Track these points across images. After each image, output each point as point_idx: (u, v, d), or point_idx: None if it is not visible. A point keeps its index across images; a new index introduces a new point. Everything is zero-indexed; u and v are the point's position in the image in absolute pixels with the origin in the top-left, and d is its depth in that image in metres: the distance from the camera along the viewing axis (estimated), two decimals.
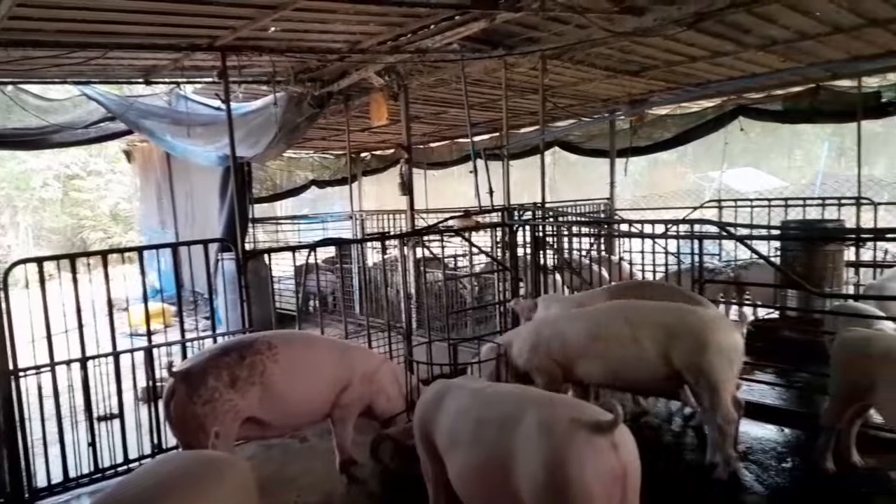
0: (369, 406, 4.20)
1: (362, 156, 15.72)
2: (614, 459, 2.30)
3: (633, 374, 3.84)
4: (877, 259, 7.27)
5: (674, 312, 3.83)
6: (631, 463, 2.36)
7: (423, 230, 6.83)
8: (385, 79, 6.72)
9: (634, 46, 6.46)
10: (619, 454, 2.31)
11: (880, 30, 6.03)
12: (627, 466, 2.33)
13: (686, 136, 10.05)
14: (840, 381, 3.70)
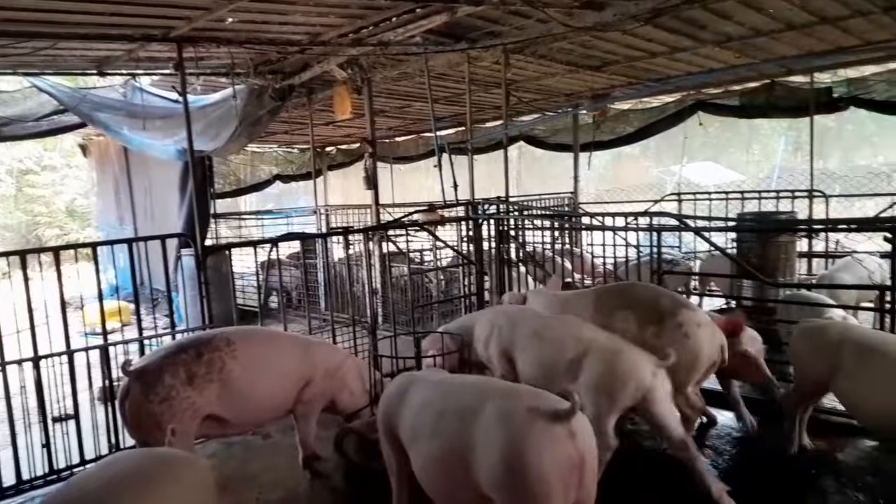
0: (332, 401, 4.17)
1: (327, 150, 15.58)
2: (571, 447, 2.34)
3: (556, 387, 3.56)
4: (828, 250, 7.53)
5: (591, 339, 3.61)
6: (588, 450, 2.40)
7: (387, 224, 6.81)
8: (348, 72, 6.67)
9: (595, 41, 6.53)
10: (577, 442, 2.35)
11: (830, 27, 6.22)
12: (584, 454, 2.37)
13: (647, 130, 10.22)
14: (800, 370, 3.81)
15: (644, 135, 10.44)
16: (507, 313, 4.26)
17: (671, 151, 17.54)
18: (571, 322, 3.89)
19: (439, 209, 6.73)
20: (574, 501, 2.38)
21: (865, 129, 18.52)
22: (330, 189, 16.36)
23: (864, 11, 5.66)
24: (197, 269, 4.78)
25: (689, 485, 3.77)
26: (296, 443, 4.13)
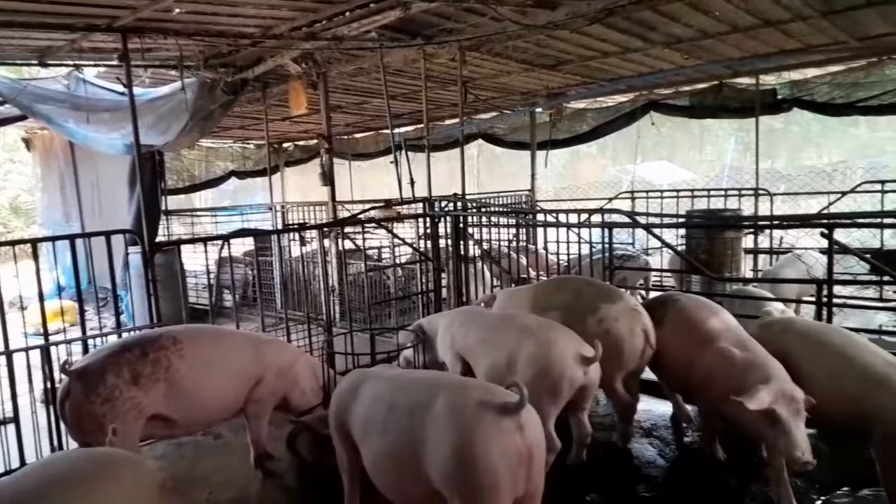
0: (285, 399, 4.12)
1: (285, 146, 15.37)
2: (520, 440, 2.37)
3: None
4: (772, 246, 7.82)
5: (522, 330, 3.69)
6: (536, 443, 2.43)
7: (342, 221, 6.76)
8: (302, 66, 6.58)
9: (549, 41, 6.62)
10: (525, 435, 2.38)
11: (773, 30, 6.45)
12: (532, 447, 2.40)
13: (602, 129, 10.41)
14: None
15: (599, 134, 10.63)
16: (462, 316, 4.26)
17: (627, 150, 17.91)
18: (511, 322, 3.89)
19: (396, 206, 6.72)
20: (522, 493, 2.42)
21: (810, 131, 19.27)
22: (288, 186, 16.15)
23: (803, 16, 5.88)
24: (144, 266, 4.65)
25: (640, 475, 3.89)
26: (247, 442, 4.07)
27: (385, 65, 6.87)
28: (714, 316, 3.75)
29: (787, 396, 2.96)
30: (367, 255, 8.97)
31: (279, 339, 4.74)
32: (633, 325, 3.85)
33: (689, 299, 3.99)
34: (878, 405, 2.95)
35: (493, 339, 3.78)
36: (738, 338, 3.52)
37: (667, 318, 3.88)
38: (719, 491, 3.63)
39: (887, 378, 3.01)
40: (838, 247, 4.32)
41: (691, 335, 3.68)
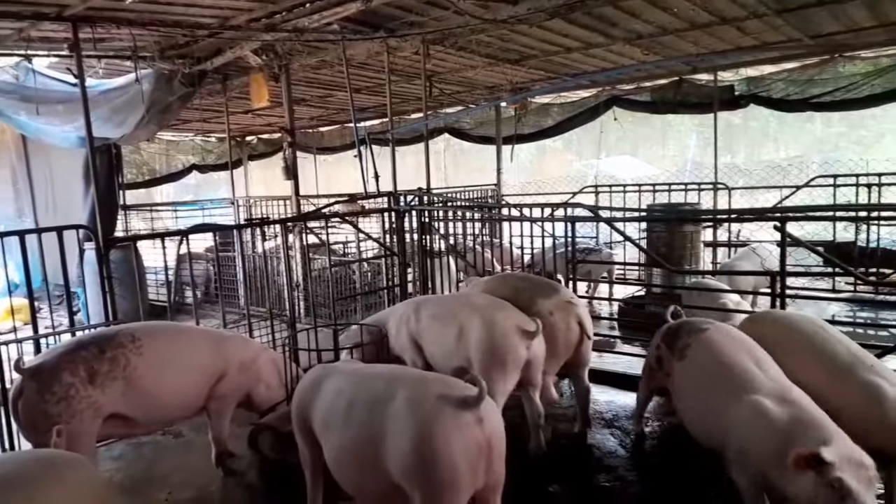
0: (248, 396, 4.08)
1: (248, 139, 15.12)
2: (479, 433, 2.39)
3: (447, 363, 3.86)
4: (731, 239, 8.02)
5: (470, 309, 3.84)
6: (495, 435, 2.46)
7: (305, 216, 6.69)
8: (263, 58, 6.47)
9: (512, 35, 6.64)
10: (484, 427, 2.41)
11: (729, 27, 6.60)
12: (492, 439, 2.43)
13: (566, 124, 10.52)
14: None
15: (563, 128, 10.74)
16: (414, 302, 4.36)
17: (592, 145, 18.09)
18: (462, 299, 4.13)
19: (360, 201, 6.68)
20: (483, 485, 2.45)
21: (768, 126, 19.74)
22: (252, 180, 15.90)
23: (758, 13, 6.02)
24: (98, 263, 4.52)
25: (601, 466, 3.96)
26: (209, 440, 4.01)
27: (348, 58, 6.80)
28: (748, 355, 2.99)
29: (856, 462, 2.29)
30: (332, 250, 8.92)
31: (240, 334, 4.67)
32: (568, 318, 3.95)
33: (719, 331, 3.21)
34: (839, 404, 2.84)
35: (443, 314, 3.94)
36: (778, 386, 2.78)
37: (689, 352, 3.15)
38: (679, 480, 3.71)
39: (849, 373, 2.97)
40: (791, 239, 4.44)
41: (716, 380, 2.97)
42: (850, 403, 2.85)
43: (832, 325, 3.63)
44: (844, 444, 2.38)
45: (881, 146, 16.45)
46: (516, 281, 4.45)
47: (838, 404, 2.83)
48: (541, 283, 4.30)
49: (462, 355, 3.75)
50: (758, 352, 3.04)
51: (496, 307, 3.86)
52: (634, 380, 5.22)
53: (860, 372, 2.96)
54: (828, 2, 5.73)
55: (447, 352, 3.84)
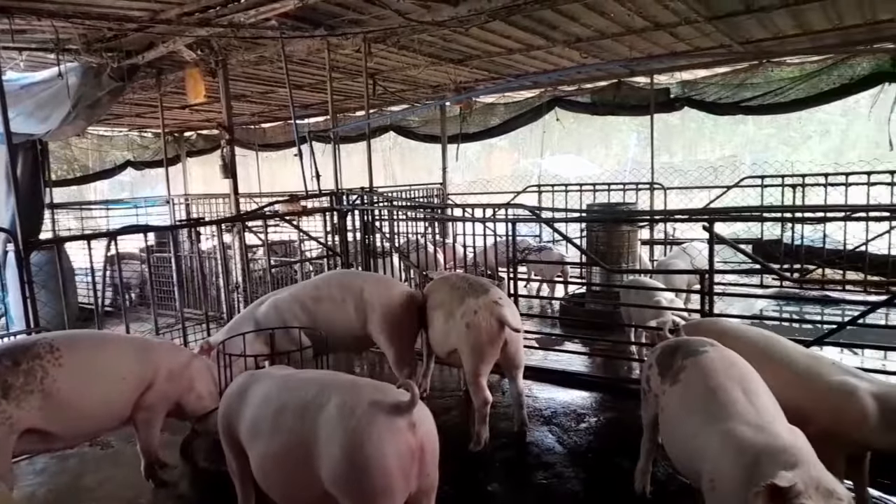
0: (178, 405, 3.95)
1: (187, 135, 14.65)
2: (412, 438, 2.39)
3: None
4: (666, 237, 8.28)
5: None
6: (428, 440, 2.46)
7: (241, 216, 6.53)
8: (198, 53, 6.27)
9: (455, 36, 6.65)
10: (417, 432, 2.41)
11: (664, 32, 6.80)
12: (424, 443, 2.43)
13: (510, 123, 10.64)
14: None
15: (508, 128, 10.86)
16: (290, 295, 4.63)
17: (538, 144, 18.38)
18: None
19: (301, 199, 6.56)
20: (416, 489, 2.44)
21: (704, 127, 20.49)
22: (192, 177, 15.42)
23: (690, 20, 6.23)
24: (18, 266, 4.29)
25: (540, 463, 4.01)
26: (138, 451, 3.87)
27: (288, 54, 6.67)
28: (738, 383, 2.65)
29: (825, 490, 2.02)
30: (274, 251, 8.74)
31: (170, 341, 4.52)
32: (490, 318, 3.99)
33: (717, 355, 2.84)
34: (809, 407, 2.91)
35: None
36: (761, 416, 2.46)
37: (683, 376, 2.84)
38: (615, 475, 3.79)
39: (814, 375, 3.03)
40: (718, 239, 4.62)
41: (699, 406, 2.66)
42: (822, 406, 2.89)
43: (760, 320, 3.76)
44: (814, 470, 2.11)
45: (807, 147, 17.34)
46: (456, 280, 4.50)
47: (808, 408, 2.88)
48: (476, 283, 4.35)
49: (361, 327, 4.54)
50: (751, 382, 2.67)
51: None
52: (574, 377, 5.36)
53: (826, 372, 3.01)
54: (755, 10, 5.97)
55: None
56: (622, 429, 4.41)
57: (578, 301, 7.11)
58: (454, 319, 4.13)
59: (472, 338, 4.00)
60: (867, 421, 2.81)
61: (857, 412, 2.82)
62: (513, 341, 4.10)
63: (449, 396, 5.11)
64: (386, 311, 4.48)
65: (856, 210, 5.89)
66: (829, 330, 4.25)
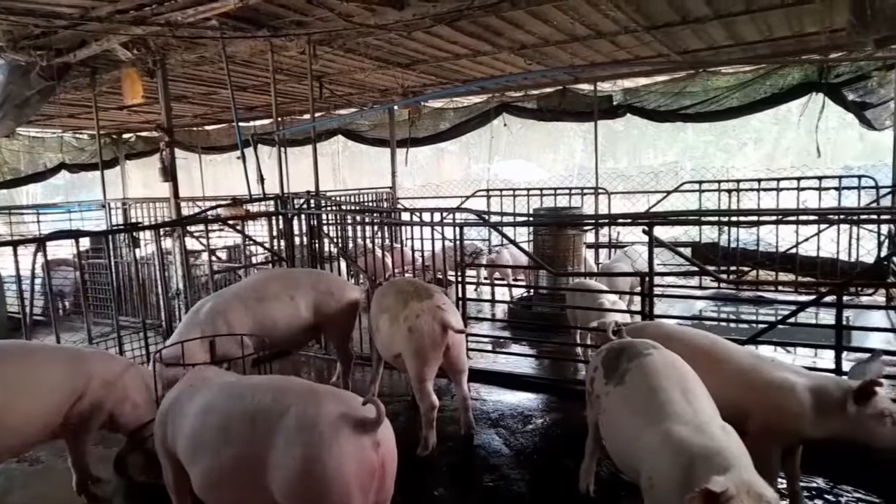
0: (112, 416, 3.78)
1: (125, 137, 14.14)
2: (375, 457, 2.34)
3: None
4: (610, 241, 8.48)
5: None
6: (389, 457, 2.42)
7: (180, 220, 6.34)
8: (134, 52, 6.05)
9: (402, 40, 6.64)
10: (380, 451, 2.36)
11: (605, 41, 6.98)
12: (386, 461, 2.39)
13: (459, 128, 10.71)
14: None
15: (457, 133, 10.92)
16: (233, 297, 4.70)
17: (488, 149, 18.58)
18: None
19: (244, 203, 6.42)
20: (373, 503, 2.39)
21: (647, 133, 21.14)
22: (131, 180, 14.88)
23: (630, 29, 6.41)
24: None
25: (487, 466, 4.03)
26: (70, 466, 3.69)
27: (230, 55, 6.52)
28: (678, 384, 2.69)
29: (754, 494, 2.05)
30: (218, 256, 8.51)
31: (102, 350, 4.35)
32: (432, 322, 4.03)
33: (660, 357, 2.87)
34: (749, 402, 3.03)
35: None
36: (699, 417, 2.50)
37: (627, 378, 2.86)
38: (561, 476, 3.84)
39: (757, 373, 3.14)
40: (658, 242, 4.76)
41: (639, 406, 2.69)
42: (763, 401, 3.02)
43: (699, 321, 3.87)
44: (745, 473, 2.15)
45: (743, 154, 18.10)
46: (403, 285, 4.52)
47: (750, 403, 3.01)
48: (421, 287, 4.38)
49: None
50: (689, 383, 2.71)
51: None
52: (522, 379, 5.41)
53: (766, 370, 3.14)
54: (690, 21, 6.19)
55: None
56: (567, 429, 4.49)
57: (526, 304, 7.20)
58: (398, 323, 4.13)
59: (414, 342, 4.01)
60: (804, 414, 2.96)
61: (795, 406, 2.97)
62: (455, 345, 4.13)
63: (397, 401, 5.08)
64: (339, 302, 4.95)
65: (787, 214, 6.18)
66: (761, 329, 4.42)
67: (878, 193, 7.51)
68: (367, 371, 5.98)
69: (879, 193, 7.51)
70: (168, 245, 7.24)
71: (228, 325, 4.41)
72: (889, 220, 5.86)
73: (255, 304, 4.62)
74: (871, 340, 5.59)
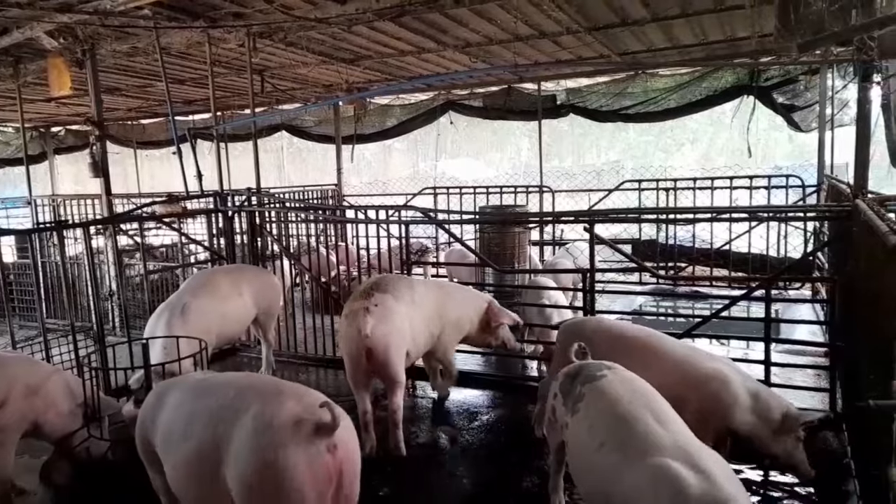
0: (37, 424, 3.59)
1: (54, 130, 13.45)
2: (331, 461, 2.31)
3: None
4: (554, 238, 8.62)
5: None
6: (348, 460, 2.38)
7: (111, 218, 6.08)
8: (61, 41, 5.75)
9: (346, 35, 6.53)
10: (337, 455, 2.33)
11: (548, 41, 7.08)
12: (343, 465, 2.36)
13: (405, 125, 10.65)
14: (561, 359, 3.90)
15: (403, 130, 10.86)
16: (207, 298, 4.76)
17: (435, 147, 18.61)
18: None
19: (181, 200, 6.19)
20: None
21: (591, 133, 21.62)
22: (61, 176, 14.17)
23: (572, 30, 6.52)
24: None
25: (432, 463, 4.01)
26: None
27: (166, 46, 6.28)
28: (647, 407, 2.44)
29: None
30: (154, 255, 8.20)
31: (26, 355, 4.11)
32: (350, 325, 3.94)
33: (617, 379, 2.64)
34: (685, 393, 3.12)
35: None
36: (685, 446, 2.24)
37: (581, 405, 2.60)
38: (506, 471, 3.88)
39: (690, 365, 3.26)
40: (599, 239, 4.85)
41: (611, 438, 2.39)
42: (698, 390, 3.14)
43: (639, 315, 3.97)
44: None
45: (681, 153, 18.76)
46: (373, 280, 4.44)
47: (686, 392, 3.09)
48: (379, 284, 4.24)
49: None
50: (655, 402, 2.49)
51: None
52: (469, 377, 5.39)
53: (700, 361, 3.28)
54: (629, 23, 6.35)
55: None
56: (512, 425, 4.53)
57: None
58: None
59: (340, 344, 3.95)
60: (735, 406, 3.11)
61: (729, 398, 3.12)
62: (377, 352, 3.89)
63: (342, 402, 4.99)
64: (272, 294, 5.37)
65: (720, 212, 6.42)
66: (696, 323, 4.57)
67: (804, 192, 7.90)
68: (310, 371, 5.91)
69: (805, 192, 7.90)
70: (100, 244, 6.93)
71: (205, 328, 4.51)
72: (814, 217, 6.16)
73: (220, 304, 4.79)
74: (797, 332, 5.88)
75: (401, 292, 4.21)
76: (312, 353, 6.08)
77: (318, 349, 6.03)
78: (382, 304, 4.01)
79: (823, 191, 7.42)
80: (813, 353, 5.22)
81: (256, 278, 5.32)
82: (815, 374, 4.89)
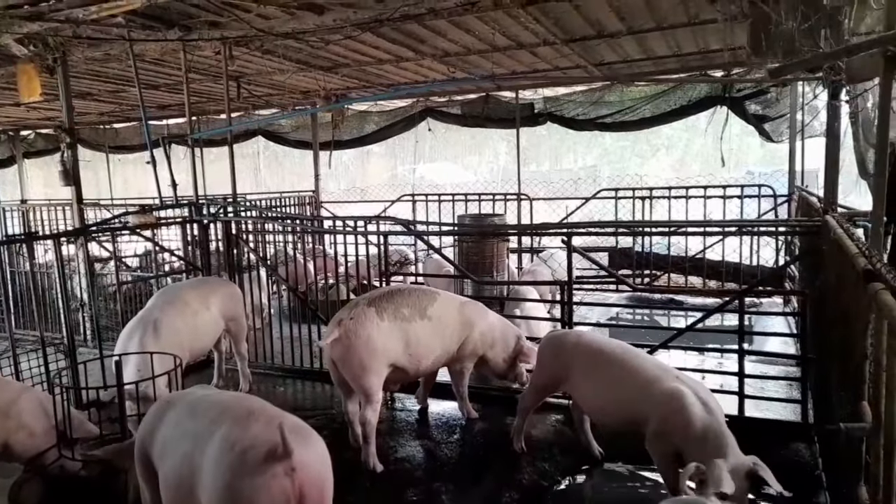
0: (6, 445, 3.50)
1: (24, 134, 13.15)
2: (288, 484, 2.31)
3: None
4: (532, 246, 8.68)
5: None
6: (309, 483, 2.36)
7: (84, 228, 5.96)
8: (31, 49, 5.62)
9: (323, 43, 6.49)
10: (297, 478, 2.32)
11: (526, 51, 7.13)
12: (304, 487, 2.34)
13: (384, 132, 10.64)
14: (542, 372, 4.05)
15: (382, 136, 10.84)
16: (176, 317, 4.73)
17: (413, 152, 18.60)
18: None
19: (154, 209, 6.10)
20: None
21: (568, 139, 21.81)
22: (31, 181, 13.86)
23: (549, 41, 6.57)
24: None
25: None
26: None
27: (140, 53, 6.18)
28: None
29: None
30: (127, 265, 8.05)
31: None
32: (325, 335, 4.03)
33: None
34: (648, 410, 3.25)
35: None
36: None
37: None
38: (485, 484, 3.89)
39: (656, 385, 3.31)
40: (576, 251, 4.90)
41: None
42: (658, 411, 3.19)
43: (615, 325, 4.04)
44: None
45: (656, 159, 19.01)
46: (376, 292, 4.45)
47: (646, 411, 3.22)
48: (373, 298, 4.22)
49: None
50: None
51: None
52: (448, 389, 5.38)
53: (667, 381, 3.29)
54: (605, 35, 6.42)
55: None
56: (492, 436, 4.53)
57: None
58: None
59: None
60: (689, 430, 3.06)
61: (681, 420, 3.09)
62: (345, 364, 3.98)
63: (320, 415, 4.97)
64: (235, 303, 5.39)
65: (694, 225, 6.52)
66: (669, 336, 4.63)
67: (775, 202, 8.06)
68: (287, 384, 5.86)
69: (777, 202, 8.06)
70: (70, 252, 6.78)
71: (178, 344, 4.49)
72: (785, 231, 6.29)
73: (192, 320, 4.80)
74: (770, 343, 5.99)
75: (399, 307, 4.15)
76: (290, 365, 6.03)
77: (296, 360, 5.97)
78: (357, 317, 4.00)
79: (794, 201, 7.58)
80: (785, 364, 5.32)
81: (221, 289, 5.36)
82: (788, 385, 4.99)
